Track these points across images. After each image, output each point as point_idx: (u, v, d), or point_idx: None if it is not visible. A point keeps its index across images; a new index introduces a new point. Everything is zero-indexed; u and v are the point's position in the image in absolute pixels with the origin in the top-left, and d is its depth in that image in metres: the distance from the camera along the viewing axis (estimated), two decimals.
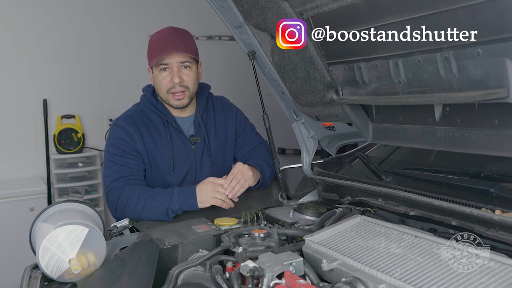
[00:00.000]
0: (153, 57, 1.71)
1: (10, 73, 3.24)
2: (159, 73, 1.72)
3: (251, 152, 1.94)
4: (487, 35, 0.89)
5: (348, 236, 1.17)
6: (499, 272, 0.85)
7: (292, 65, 1.52)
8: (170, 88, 1.72)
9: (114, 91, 3.53)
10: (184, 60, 1.71)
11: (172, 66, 1.70)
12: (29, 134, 3.34)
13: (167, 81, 1.72)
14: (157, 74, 1.73)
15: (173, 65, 1.70)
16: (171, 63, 1.70)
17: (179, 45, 1.69)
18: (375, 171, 1.61)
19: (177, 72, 1.71)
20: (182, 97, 1.74)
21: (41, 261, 1.12)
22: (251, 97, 2.17)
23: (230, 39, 3.84)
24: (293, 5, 1.31)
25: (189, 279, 1.10)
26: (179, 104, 1.75)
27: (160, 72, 1.72)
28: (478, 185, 1.24)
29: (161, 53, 1.68)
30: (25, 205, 2.95)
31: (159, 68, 1.71)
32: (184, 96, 1.74)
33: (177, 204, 1.58)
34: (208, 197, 1.59)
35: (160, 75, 1.72)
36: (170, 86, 1.72)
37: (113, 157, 1.71)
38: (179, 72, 1.71)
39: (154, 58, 1.70)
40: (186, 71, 1.73)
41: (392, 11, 1.03)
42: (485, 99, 0.95)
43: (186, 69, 1.73)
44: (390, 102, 1.23)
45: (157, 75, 1.74)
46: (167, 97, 1.75)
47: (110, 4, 3.53)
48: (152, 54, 1.72)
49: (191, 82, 1.75)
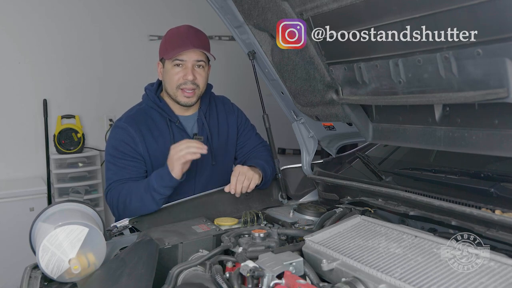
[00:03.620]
0: (169, 50, 1.70)
1: (10, 73, 3.25)
2: (172, 68, 1.72)
3: (251, 152, 1.94)
4: (487, 35, 0.89)
5: (348, 236, 1.17)
6: (499, 272, 0.85)
7: (292, 65, 1.52)
8: (182, 84, 1.72)
9: (114, 91, 3.54)
10: (200, 59, 1.73)
11: (187, 63, 1.71)
12: (29, 134, 3.35)
13: (180, 76, 1.72)
14: (170, 68, 1.73)
15: (188, 62, 1.71)
16: (187, 60, 1.71)
17: (197, 42, 1.70)
18: (375, 171, 1.61)
19: (191, 69, 1.72)
20: (192, 95, 1.75)
21: (41, 261, 1.12)
22: (251, 97, 2.16)
23: (230, 39, 3.85)
24: (293, 5, 1.31)
25: (189, 279, 1.10)
26: (187, 102, 1.75)
27: (174, 67, 1.72)
28: (478, 185, 1.23)
29: (180, 48, 1.68)
30: (25, 205, 2.95)
31: (174, 63, 1.71)
32: (194, 94, 1.75)
33: (156, 182, 1.56)
34: (174, 160, 1.54)
35: (173, 70, 1.72)
36: (182, 82, 1.72)
37: (114, 160, 1.71)
38: (193, 70, 1.72)
39: (170, 51, 1.70)
40: (200, 70, 1.74)
41: (392, 11, 1.03)
42: (485, 99, 0.95)
43: (199, 68, 1.74)
44: (390, 102, 1.23)
45: (169, 69, 1.73)
46: (176, 93, 1.75)
47: (110, 4, 3.53)
48: (168, 47, 1.72)
49: (203, 81, 1.76)
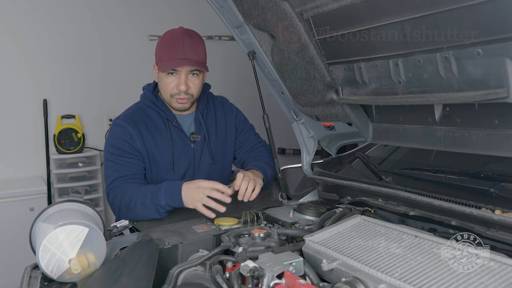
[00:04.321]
0: (163, 61, 1.68)
1: (10, 73, 3.25)
2: (166, 76, 1.71)
3: (250, 151, 1.95)
4: (487, 35, 0.89)
5: (348, 236, 1.17)
6: (499, 272, 0.85)
7: (292, 65, 1.52)
8: (175, 93, 1.72)
9: (114, 91, 3.54)
10: (194, 69, 1.70)
11: (181, 73, 1.69)
12: (29, 134, 3.35)
13: (173, 86, 1.71)
14: (164, 77, 1.71)
15: (182, 72, 1.69)
16: (181, 70, 1.69)
17: (191, 54, 1.67)
18: (375, 171, 1.61)
19: (185, 79, 1.69)
20: (186, 102, 1.74)
21: (41, 261, 1.12)
22: (251, 97, 2.17)
23: (230, 39, 3.85)
24: (293, 5, 1.31)
25: (189, 279, 1.10)
26: (181, 107, 1.75)
27: (167, 75, 1.70)
28: (478, 185, 1.24)
29: (172, 62, 1.66)
30: (25, 205, 2.95)
31: (167, 72, 1.70)
32: (188, 101, 1.74)
33: (164, 199, 1.54)
34: (191, 199, 1.52)
35: (167, 78, 1.71)
36: (176, 92, 1.71)
37: (113, 157, 1.71)
38: (187, 80, 1.70)
39: (164, 63, 1.67)
40: (193, 78, 1.72)
41: (392, 11, 1.03)
42: (485, 99, 0.95)
43: (193, 77, 1.72)
44: (390, 102, 1.23)
45: (163, 77, 1.72)
46: (170, 100, 1.75)
47: (110, 4, 3.53)
48: (162, 56, 1.70)
49: (196, 90, 1.75)
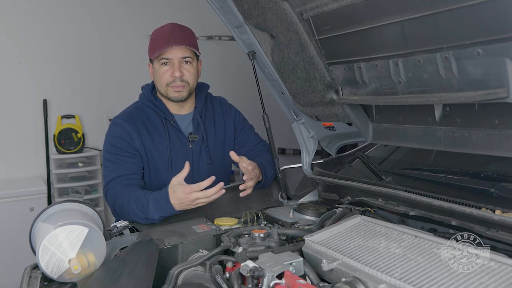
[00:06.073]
0: (155, 50, 1.71)
1: (10, 73, 3.25)
2: (160, 67, 1.73)
3: (251, 151, 1.94)
4: (487, 35, 0.89)
5: (348, 236, 1.17)
6: (499, 272, 0.85)
7: (292, 65, 1.52)
8: (171, 82, 1.73)
9: (114, 91, 3.54)
10: (186, 55, 1.73)
11: (174, 61, 1.71)
12: (29, 134, 3.35)
13: (168, 75, 1.72)
14: (158, 68, 1.74)
15: (174, 60, 1.71)
16: (173, 58, 1.71)
17: (181, 39, 1.70)
18: (375, 171, 1.61)
19: (178, 66, 1.72)
20: (182, 89, 1.74)
21: (41, 261, 1.12)
22: (251, 97, 2.17)
23: (230, 39, 3.85)
24: (293, 5, 1.31)
25: (189, 279, 1.10)
26: (178, 96, 1.75)
27: (161, 66, 1.73)
28: (478, 185, 1.23)
29: (163, 46, 1.69)
30: (25, 205, 2.95)
31: (160, 62, 1.72)
32: (184, 89, 1.75)
33: (156, 214, 1.50)
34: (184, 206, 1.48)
35: (160, 69, 1.73)
36: (171, 80, 1.73)
37: (111, 156, 1.72)
38: (180, 67, 1.72)
39: (156, 51, 1.70)
40: (187, 66, 1.74)
41: (392, 11, 1.03)
42: (485, 99, 0.95)
43: (187, 65, 1.74)
44: (390, 102, 1.23)
45: (157, 69, 1.74)
46: (166, 90, 1.75)
47: (110, 4, 3.53)
48: (154, 46, 1.73)
49: (192, 77, 1.76)
